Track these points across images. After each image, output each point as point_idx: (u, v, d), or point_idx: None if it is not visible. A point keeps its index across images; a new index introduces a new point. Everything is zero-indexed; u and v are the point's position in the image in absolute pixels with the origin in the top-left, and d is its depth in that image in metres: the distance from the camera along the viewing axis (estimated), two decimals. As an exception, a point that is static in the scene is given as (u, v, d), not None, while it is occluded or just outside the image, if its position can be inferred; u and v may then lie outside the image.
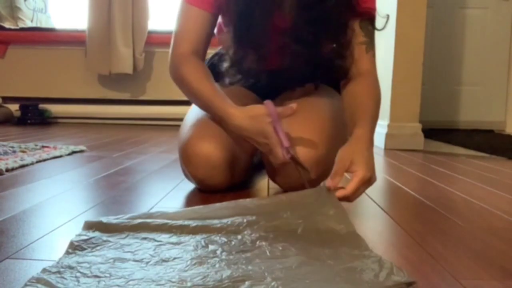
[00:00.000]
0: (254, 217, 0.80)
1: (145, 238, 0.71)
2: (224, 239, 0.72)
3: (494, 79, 3.74)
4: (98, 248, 0.67)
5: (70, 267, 0.59)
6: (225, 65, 1.11)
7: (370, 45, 1.08)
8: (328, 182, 0.87)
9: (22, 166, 1.40)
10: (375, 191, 1.21)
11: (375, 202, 1.08)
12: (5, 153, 1.58)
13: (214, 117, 1.06)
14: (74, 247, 0.67)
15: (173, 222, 0.77)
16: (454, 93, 3.75)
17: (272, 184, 1.17)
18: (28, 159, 1.46)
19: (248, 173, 1.20)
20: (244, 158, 1.12)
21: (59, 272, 0.57)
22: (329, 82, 1.22)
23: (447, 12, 3.67)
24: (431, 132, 2.87)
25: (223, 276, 0.57)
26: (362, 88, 1.06)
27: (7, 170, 1.31)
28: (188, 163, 1.08)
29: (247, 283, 0.56)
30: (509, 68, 3.73)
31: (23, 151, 1.64)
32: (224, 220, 0.79)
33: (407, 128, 2.28)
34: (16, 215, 0.87)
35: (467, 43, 3.70)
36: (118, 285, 0.55)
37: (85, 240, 0.69)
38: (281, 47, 1.09)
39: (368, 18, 1.06)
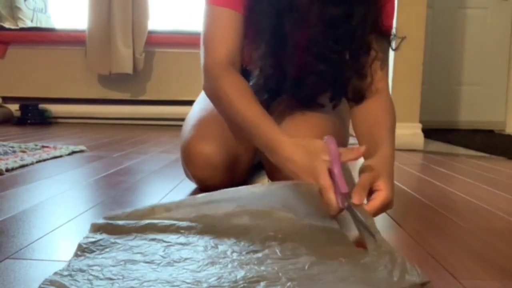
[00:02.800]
0: (261, 217, 0.80)
1: (153, 239, 0.71)
2: (233, 240, 0.71)
3: (494, 79, 3.74)
4: (107, 250, 0.67)
5: (82, 270, 0.58)
6: (250, 82, 1.02)
7: (385, 62, 1.04)
8: (354, 199, 0.74)
9: (22, 166, 1.40)
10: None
11: (375, 202, 1.08)
12: (5, 153, 1.58)
13: (257, 144, 0.92)
14: (83, 250, 0.66)
15: (180, 223, 0.77)
16: (454, 93, 3.75)
17: (272, 184, 1.17)
18: (28, 159, 1.46)
19: (249, 173, 1.20)
20: (245, 159, 1.12)
21: (70, 275, 0.57)
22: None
23: (447, 12, 3.67)
24: (431, 132, 2.87)
25: (238, 277, 0.57)
26: (379, 105, 1.02)
27: (7, 170, 1.31)
28: (189, 163, 1.08)
29: (262, 283, 0.55)
30: (509, 68, 3.73)
31: (23, 151, 1.64)
32: (232, 222, 0.79)
33: (407, 128, 2.28)
34: (16, 215, 0.87)
35: (467, 43, 3.70)
36: (132, 287, 0.54)
37: (93, 242, 0.69)
38: (303, 64, 1.03)
39: (385, 34, 1.03)
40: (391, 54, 2.26)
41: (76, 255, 0.65)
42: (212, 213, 0.82)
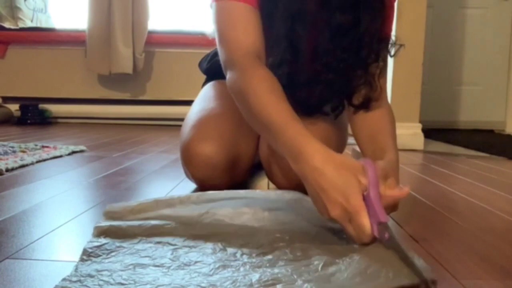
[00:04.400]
0: (265, 219, 0.80)
1: (159, 242, 0.70)
2: (241, 242, 0.71)
3: (494, 79, 3.74)
4: (113, 254, 0.66)
5: (91, 276, 0.58)
6: None
7: (385, 69, 1.03)
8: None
9: (22, 166, 1.40)
10: (375, 191, 1.21)
11: (375, 202, 1.08)
12: (5, 153, 1.58)
13: (280, 148, 0.79)
14: (89, 254, 0.66)
15: (186, 227, 0.77)
16: (454, 93, 3.75)
17: (272, 184, 1.17)
18: (28, 159, 1.46)
19: (249, 173, 1.20)
20: (245, 159, 1.12)
21: (80, 281, 0.56)
22: None
23: (447, 12, 3.67)
24: (431, 132, 2.87)
25: (253, 280, 0.56)
26: (381, 113, 1.01)
27: (7, 170, 1.31)
28: (189, 164, 1.08)
29: (278, 286, 0.55)
30: (509, 68, 3.73)
31: (23, 151, 1.64)
32: (236, 222, 0.79)
33: (407, 128, 2.28)
34: (16, 215, 0.87)
35: (467, 43, 3.70)
36: None
37: (98, 247, 0.68)
38: (311, 73, 1.02)
39: (386, 42, 1.02)
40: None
41: (82, 259, 0.64)
42: (216, 211, 0.82)
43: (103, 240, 0.71)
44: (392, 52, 1.05)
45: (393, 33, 1.07)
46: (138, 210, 0.81)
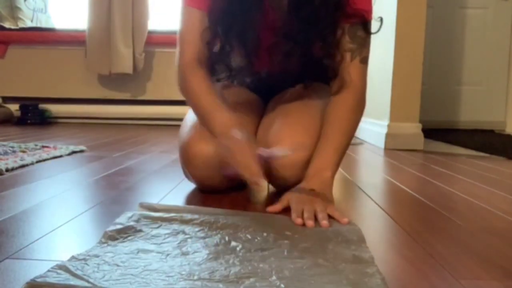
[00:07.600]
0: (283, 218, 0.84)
1: (175, 230, 0.75)
2: (249, 236, 0.73)
3: (494, 79, 3.74)
4: (129, 238, 0.71)
5: (96, 256, 0.62)
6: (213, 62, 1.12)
7: (357, 51, 1.04)
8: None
9: (22, 166, 1.40)
10: (375, 191, 1.21)
11: (375, 202, 1.08)
12: (5, 153, 1.58)
13: (211, 130, 1.02)
14: (108, 237, 0.70)
15: (206, 217, 0.81)
16: (454, 93, 3.75)
17: (271, 186, 1.17)
18: (28, 159, 1.46)
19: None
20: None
21: (84, 259, 0.61)
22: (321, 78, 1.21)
23: (447, 12, 3.67)
24: (431, 132, 2.87)
25: (231, 272, 0.59)
26: (338, 110, 1.04)
27: (7, 170, 1.31)
28: (188, 164, 1.08)
29: (251, 279, 0.57)
30: (509, 68, 3.73)
31: (23, 151, 1.64)
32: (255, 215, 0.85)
33: (407, 128, 2.28)
34: (16, 215, 0.87)
35: (467, 43, 3.70)
36: (132, 274, 0.57)
37: (118, 230, 0.73)
38: (272, 45, 1.08)
39: (360, 21, 1.02)
40: (391, 54, 2.26)
41: (100, 242, 0.69)
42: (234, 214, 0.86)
43: (126, 223, 0.76)
44: (374, 30, 1.06)
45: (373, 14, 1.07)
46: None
